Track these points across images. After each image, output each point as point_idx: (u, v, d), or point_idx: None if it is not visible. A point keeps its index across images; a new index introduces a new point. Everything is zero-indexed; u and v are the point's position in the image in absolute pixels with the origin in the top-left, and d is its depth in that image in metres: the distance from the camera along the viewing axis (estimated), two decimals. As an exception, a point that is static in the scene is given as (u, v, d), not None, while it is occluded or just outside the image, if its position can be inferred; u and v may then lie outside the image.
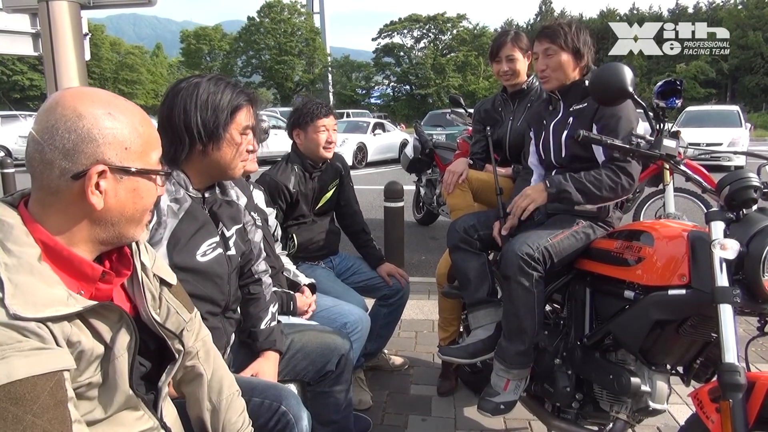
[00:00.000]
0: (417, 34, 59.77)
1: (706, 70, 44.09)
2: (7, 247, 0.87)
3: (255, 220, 1.88)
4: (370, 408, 2.65)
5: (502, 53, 2.70)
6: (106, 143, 0.94)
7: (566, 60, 2.15)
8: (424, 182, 7.01)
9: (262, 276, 1.88)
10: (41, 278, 0.88)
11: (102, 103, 0.95)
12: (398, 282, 2.84)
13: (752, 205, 1.53)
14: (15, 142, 15.33)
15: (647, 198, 5.50)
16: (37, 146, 0.91)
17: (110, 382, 1.00)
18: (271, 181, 2.60)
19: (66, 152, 0.91)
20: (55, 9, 2.98)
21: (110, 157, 0.94)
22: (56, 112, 0.91)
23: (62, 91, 0.96)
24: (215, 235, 1.60)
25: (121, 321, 1.01)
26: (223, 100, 1.54)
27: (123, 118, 0.97)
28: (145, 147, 1.00)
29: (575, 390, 2.00)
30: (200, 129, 1.51)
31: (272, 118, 16.50)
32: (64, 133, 0.91)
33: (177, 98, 1.52)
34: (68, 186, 0.92)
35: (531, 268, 1.96)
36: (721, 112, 15.18)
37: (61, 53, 3.03)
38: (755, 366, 2.92)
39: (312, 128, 2.63)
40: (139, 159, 0.99)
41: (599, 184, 1.99)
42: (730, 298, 1.43)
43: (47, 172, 0.91)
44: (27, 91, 46.18)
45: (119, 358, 1.00)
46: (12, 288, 0.84)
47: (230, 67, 60.81)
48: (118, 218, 0.99)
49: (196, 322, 1.30)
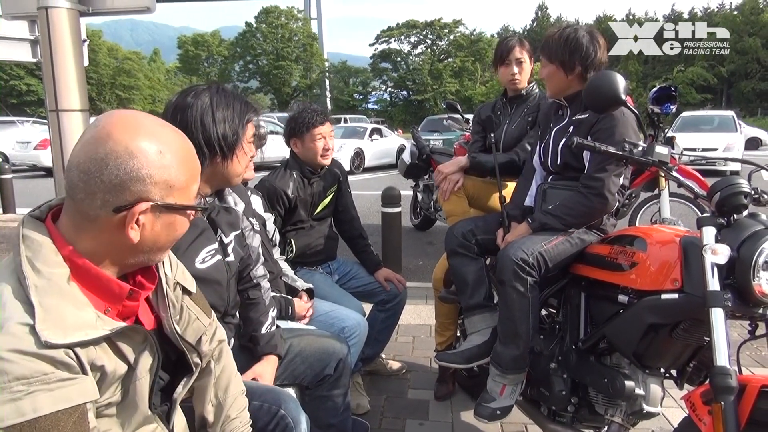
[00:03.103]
0: (414, 39, 59.86)
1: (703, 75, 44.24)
2: (36, 267, 0.87)
3: (253, 225, 1.90)
4: (367, 412, 2.66)
5: (512, 56, 2.71)
6: (152, 183, 0.93)
7: (553, 72, 2.17)
8: (421, 187, 7.04)
9: (261, 281, 1.90)
10: (71, 300, 0.88)
11: (153, 139, 0.94)
12: (395, 287, 2.86)
13: (743, 211, 1.55)
14: (12, 148, 15.25)
15: (643, 203, 5.53)
16: (83, 176, 0.90)
17: (129, 402, 1.01)
18: (270, 187, 2.62)
19: (112, 187, 0.90)
20: (54, 16, 3.00)
21: (154, 195, 0.94)
22: (107, 146, 0.90)
23: (111, 117, 0.95)
24: (214, 241, 1.62)
25: (145, 342, 1.02)
26: (237, 112, 1.58)
27: (171, 156, 0.96)
28: (187, 182, 1.00)
29: (571, 394, 2.02)
30: (221, 142, 1.55)
31: (270, 124, 16.53)
32: (113, 169, 0.90)
33: (190, 113, 1.52)
34: (107, 216, 0.92)
35: (526, 273, 1.98)
36: (716, 117, 15.27)
37: (60, 60, 3.05)
38: (748, 369, 2.95)
39: (309, 137, 2.64)
40: (180, 195, 0.99)
41: (572, 211, 2.06)
42: (722, 302, 1.45)
43: (88, 201, 0.91)
44: (24, 96, 46.07)
45: (141, 380, 1.01)
46: (42, 312, 0.84)
47: (228, 73, 60.93)
48: (150, 248, 1.00)
49: (214, 325, 1.32)
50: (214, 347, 1.31)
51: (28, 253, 0.89)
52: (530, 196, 2.34)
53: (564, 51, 2.13)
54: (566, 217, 2.06)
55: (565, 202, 2.09)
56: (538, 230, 2.11)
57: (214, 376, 1.32)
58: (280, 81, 59.25)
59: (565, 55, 2.13)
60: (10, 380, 0.79)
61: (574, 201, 2.07)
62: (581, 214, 2.05)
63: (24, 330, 0.82)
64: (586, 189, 2.03)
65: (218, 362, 1.33)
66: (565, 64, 2.14)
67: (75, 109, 3.13)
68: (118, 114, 0.96)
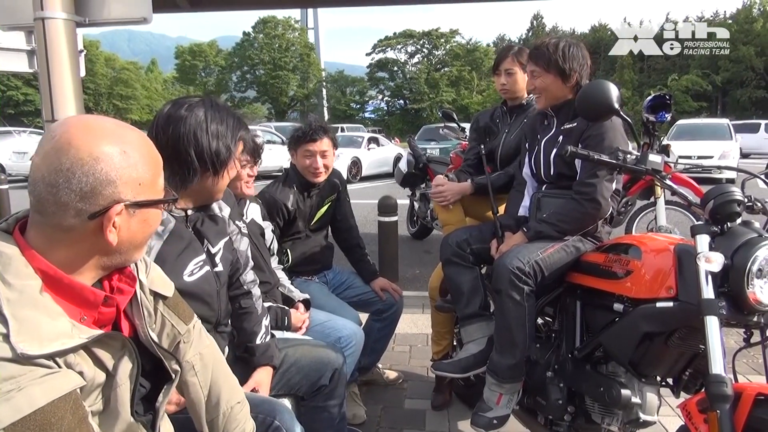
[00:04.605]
0: (411, 49, 60.14)
1: (698, 82, 44.49)
2: (7, 281, 0.86)
3: (240, 229, 1.88)
4: (364, 422, 2.64)
5: (502, 66, 2.72)
6: (122, 183, 0.93)
7: (551, 81, 2.18)
8: (418, 196, 7.05)
9: (251, 287, 1.89)
10: (44, 311, 0.88)
11: (114, 140, 0.94)
12: (392, 297, 2.85)
13: (736, 219, 1.56)
14: (9, 158, 15.27)
15: (639, 211, 5.55)
16: (51, 189, 0.89)
17: (111, 410, 1.00)
18: (270, 199, 2.62)
19: (83, 195, 0.89)
20: (50, 27, 3.00)
21: (126, 195, 0.94)
22: (69, 154, 0.89)
23: (67, 125, 0.93)
24: (201, 253, 1.60)
25: (123, 349, 1.02)
26: (230, 128, 1.56)
27: (135, 153, 0.96)
28: (153, 177, 1.00)
29: (567, 402, 2.01)
30: (214, 158, 1.52)
31: (267, 134, 16.57)
32: (81, 177, 0.89)
33: (183, 126, 1.50)
34: (83, 224, 0.91)
35: (522, 282, 1.98)
36: (711, 126, 15.37)
37: (57, 70, 3.04)
38: (744, 377, 2.95)
39: (300, 151, 2.65)
40: (149, 190, 0.99)
41: (566, 218, 2.07)
42: (716, 310, 1.45)
43: (61, 213, 0.90)
44: (21, 106, 46.09)
45: (121, 386, 1.00)
46: (17, 325, 0.83)
47: (225, 83, 61.06)
48: (128, 248, 1.00)
49: (194, 332, 1.29)
50: (196, 359, 1.29)
51: None
52: (524, 207, 2.35)
53: (563, 60, 2.15)
54: (561, 224, 2.07)
55: (559, 209, 2.11)
56: (533, 239, 2.11)
57: (202, 390, 1.30)
58: (277, 91, 59.38)
59: (564, 64, 2.15)
60: None
61: (568, 208, 2.08)
62: (575, 219, 2.06)
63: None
64: (579, 195, 2.04)
65: (203, 375, 1.31)
66: (563, 74, 2.16)
67: (71, 120, 3.14)
68: (72, 121, 0.94)
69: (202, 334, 1.33)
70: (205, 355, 1.32)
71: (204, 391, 1.31)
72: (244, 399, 1.39)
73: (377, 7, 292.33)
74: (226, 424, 1.33)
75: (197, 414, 1.32)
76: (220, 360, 1.38)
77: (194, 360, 1.29)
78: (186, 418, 1.35)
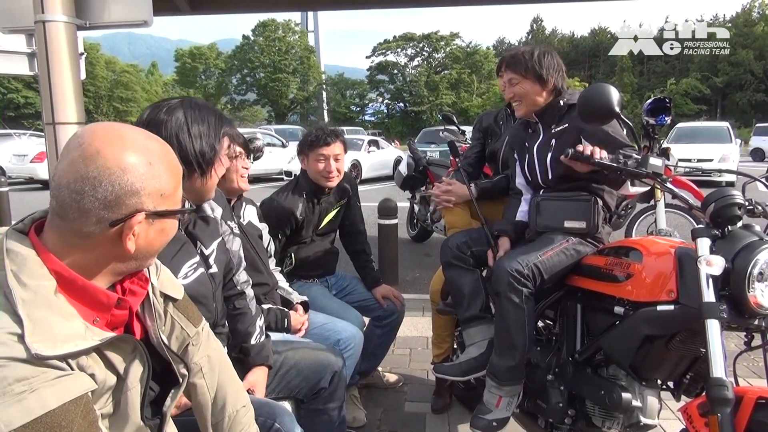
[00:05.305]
0: (411, 52, 60.23)
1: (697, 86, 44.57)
2: (22, 281, 0.87)
3: (232, 229, 1.87)
4: (364, 426, 2.64)
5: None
6: (146, 194, 0.94)
7: (530, 87, 2.20)
8: (418, 199, 7.05)
9: (245, 288, 1.89)
10: (58, 312, 0.88)
11: (141, 151, 0.95)
12: (393, 304, 2.85)
13: (737, 222, 1.56)
14: (9, 161, 15.25)
15: (639, 214, 5.54)
16: (76, 196, 0.89)
17: (121, 414, 1.00)
18: (278, 207, 2.61)
19: (107, 203, 0.90)
20: (51, 30, 3.00)
21: (148, 205, 0.95)
22: (97, 163, 0.90)
23: (96, 134, 0.93)
24: (195, 255, 1.60)
25: (135, 352, 1.02)
26: (212, 126, 1.54)
27: (160, 164, 0.97)
28: (175, 188, 1.01)
29: (568, 406, 2.01)
30: (199, 159, 1.51)
31: (267, 136, 16.59)
32: (107, 186, 0.90)
33: (164, 129, 1.46)
34: (102, 231, 0.92)
35: (521, 284, 1.98)
36: (711, 129, 15.36)
37: (57, 73, 3.05)
38: (745, 380, 2.94)
39: (312, 155, 2.64)
40: (170, 201, 1.00)
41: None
42: (717, 313, 1.45)
43: (82, 219, 0.91)
44: (22, 109, 46.15)
45: (132, 390, 1.01)
46: (31, 325, 0.83)
47: (225, 85, 61.16)
48: (144, 255, 1.01)
49: (203, 335, 1.30)
50: (204, 361, 1.29)
51: (13, 266, 0.88)
52: (522, 212, 2.35)
53: (539, 66, 2.17)
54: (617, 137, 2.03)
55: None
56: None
57: (209, 394, 1.30)
58: (277, 93, 59.45)
59: (540, 69, 2.17)
60: (10, 383, 0.79)
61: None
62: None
63: (14, 339, 0.82)
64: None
65: (210, 378, 1.31)
66: (540, 79, 2.18)
67: (72, 123, 3.13)
68: (100, 129, 0.94)
69: (210, 337, 1.34)
70: (213, 357, 1.33)
71: (211, 393, 1.31)
72: (249, 402, 1.39)
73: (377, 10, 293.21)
74: (231, 428, 1.33)
75: (203, 417, 1.32)
76: (226, 363, 1.38)
77: (202, 362, 1.29)
78: (187, 420, 1.35)
